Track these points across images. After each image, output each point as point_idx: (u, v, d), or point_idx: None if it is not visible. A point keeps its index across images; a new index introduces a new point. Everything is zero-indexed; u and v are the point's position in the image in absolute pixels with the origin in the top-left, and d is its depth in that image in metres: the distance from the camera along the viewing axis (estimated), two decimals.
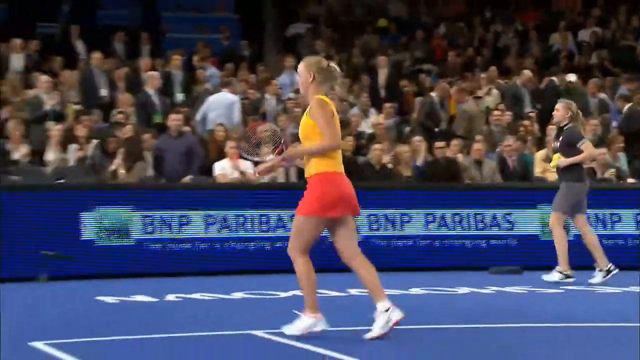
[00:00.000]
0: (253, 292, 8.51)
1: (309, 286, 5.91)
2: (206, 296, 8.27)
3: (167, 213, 10.08)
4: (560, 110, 9.25)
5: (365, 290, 6.03)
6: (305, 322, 5.89)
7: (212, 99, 12.80)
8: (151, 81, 12.74)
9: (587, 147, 9.12)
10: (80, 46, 15.12)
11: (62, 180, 10.48)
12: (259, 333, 6.14)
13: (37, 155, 11.17)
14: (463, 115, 13.44)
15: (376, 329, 5.81)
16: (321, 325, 5.89)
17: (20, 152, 10.98)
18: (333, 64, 6.06)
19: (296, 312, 5.97)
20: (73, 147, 11.26)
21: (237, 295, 8.32)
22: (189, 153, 11.42)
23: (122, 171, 10.94)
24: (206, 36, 16.76)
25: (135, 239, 9.95)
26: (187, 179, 11.14)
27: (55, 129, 11.35)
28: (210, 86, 13.80)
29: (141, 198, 10.10)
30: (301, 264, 5.91)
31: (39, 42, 14.74)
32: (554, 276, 9.14)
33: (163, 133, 11.69)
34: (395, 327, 5.81)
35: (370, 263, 5.93)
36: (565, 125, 9.22)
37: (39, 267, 9.43)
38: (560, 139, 9.24)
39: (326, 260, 6.98)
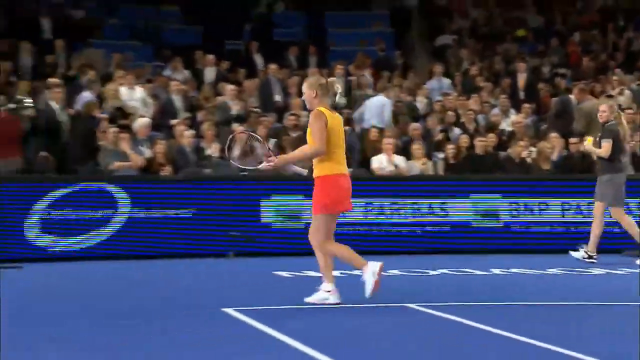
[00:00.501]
0: (406, 269, 8.47)
1: (350, 257, 6.11)
2: None
3: None
4: (607, 112, 9.12)
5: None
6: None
7: (369, 102, 12.87)
8: None
9: (604, 147, 9.00)
10: (259, 59, 15.49)
11: (245, 173, 10.77)
12: (412, 305, 6.10)
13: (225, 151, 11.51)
14: (580, 112, 12.89)
15: (312, 299, 6.10)
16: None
17: (212, 149, 11.37)
18: (331, 80, 6.23)
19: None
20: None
21: (393, 272, 8.30)
22: (349, 148, 11.49)
23: None
24: (364, 48, 16.78)
25: (304, 222, 10.10)
26: (349, 171, 11.20)
27: (239, 130, 11.66)
28: (369, 91, 13.84)
29: (310, 188, 10.22)
30: (334, 249, 6.10)
31: (227, 58, 15.23)
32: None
33: None
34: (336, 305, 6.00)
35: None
36: (609, 123, 9.09)
37: (227, 246, 9.75)
38: (600, 134, 9.16)
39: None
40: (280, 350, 4.66)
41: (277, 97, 13.51)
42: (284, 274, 8.22)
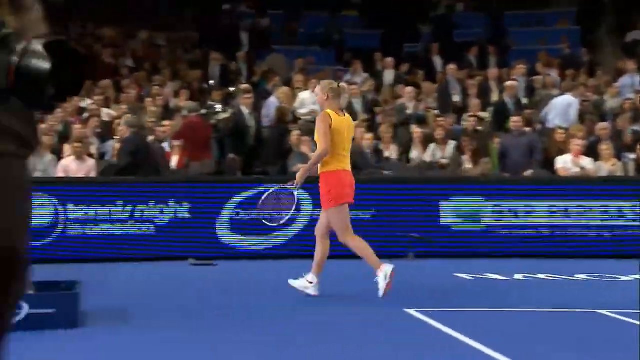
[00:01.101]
0: (595, 274, 8.07)
1: (367, 255, 6.50)
2: (551, 277, 7.99)
3: (513, 203, 9.90)
4: None
5: None
6: (381, 277, 6.42)
7: (554, 101, 12.41)
8: (509, 90, 12.66)
9: None
10: (438, 61, 15.39)
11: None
12: (603, 312, 5.80)
13: (403, 153, 11.55)
14: None
15: (297, 283, 6.54)
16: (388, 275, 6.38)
17: (390, 150, 11.42)
18: (342, 84, 6.80)
19: (376, 278, 6.44)
20: (432, 146, 11.49)
21: (581, 277, 7.93)
22: (530, 149, 11.16)
23: (469, 166, 10.96)
24: (547, 47, 16.20)
25: (486, 224, 9.90)
26: (529, 172, 10.86)
27: (418, 131, 11.65)
28: (554, 90, 13.35)
29: (491, 189, 10.03)
30: (352, 243, 6.48)
31: (405, 60, 15.29)
32: None
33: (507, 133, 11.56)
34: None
35: (327, 243, 6.55)
36: None
37: (407, 247, 9.74)
38: None
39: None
40: (463, 352, 4.59)
41: (456, 98, 13.35)
42: (465, 276, 8.09)
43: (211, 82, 14.01)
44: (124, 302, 6.34)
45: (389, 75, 14.43)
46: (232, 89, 12.71)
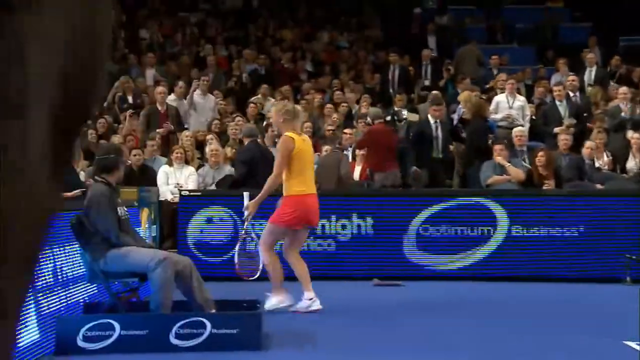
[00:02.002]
0: None
1: (275, 274, 6.90)
2: None
3: None
4: None
5: None
6: (275, 300, 6.87)
7: None
8: None
9: None
10: None
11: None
12: None
13: (618, 162, 11.03)
14: None
15: (299, 307, 6.93)
16: (288, 302, 6.92)
17: (601, 160, 10.94)
18: (296, 106, 7.43)
19: (267, 293, 6.90)
20: None
21: None
22: None
23: None
24: None
25: None
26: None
27: (635, 137, 11.07)
28: None
29: None
30: (268, 257, 6.91)
31: (621, 56, 14.59)
32: None
33: None
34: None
35: (302, 261, 7.07)
36: None
37: (623, 270, 9.25)
38: None
39: None
40: None
41: None
42: None
43: (390, 86, 14.12)
44: (304, 323, 6.46)
45: (599, 74, 13.82)
46: (418, 93, 12.70)
